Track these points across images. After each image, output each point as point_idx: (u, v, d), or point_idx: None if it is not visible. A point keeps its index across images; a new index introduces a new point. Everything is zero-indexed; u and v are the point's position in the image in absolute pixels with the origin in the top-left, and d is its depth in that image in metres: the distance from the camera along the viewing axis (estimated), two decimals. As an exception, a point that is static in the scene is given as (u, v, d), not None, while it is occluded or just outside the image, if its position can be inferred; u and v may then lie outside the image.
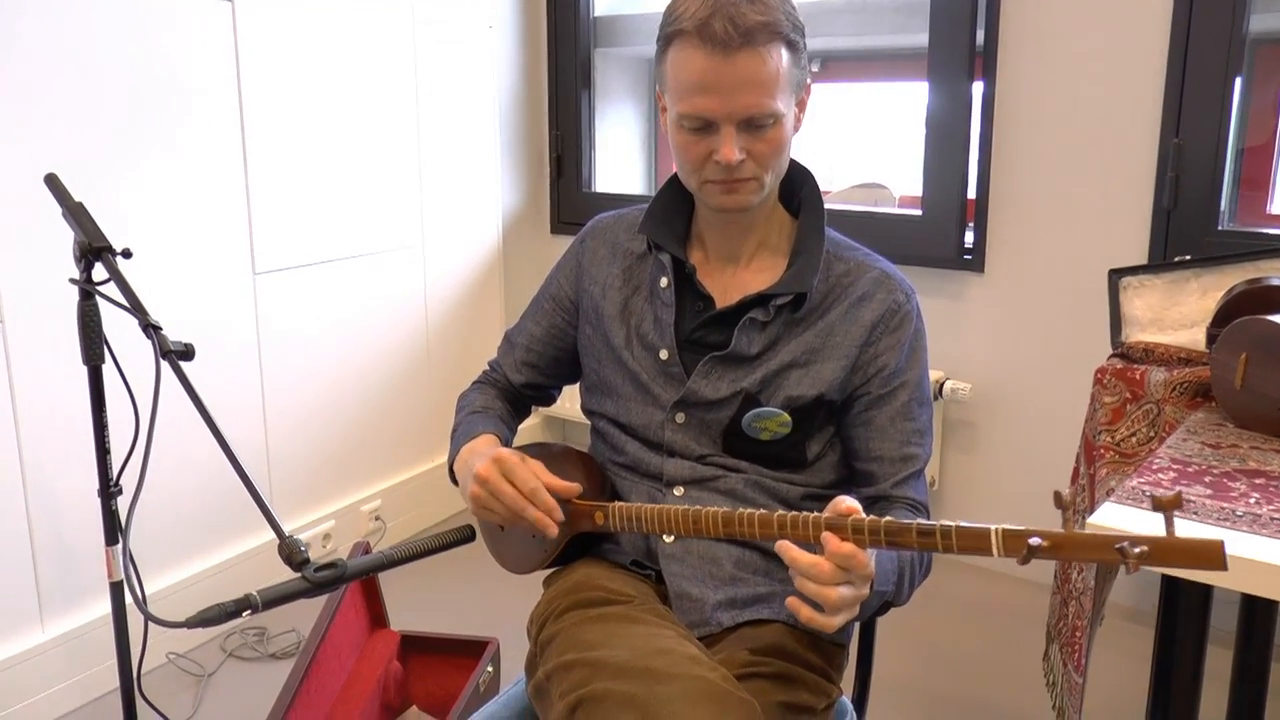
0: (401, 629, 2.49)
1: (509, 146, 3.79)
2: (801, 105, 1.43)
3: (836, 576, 1.15)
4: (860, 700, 1.69)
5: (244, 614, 1.21)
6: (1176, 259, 2.04)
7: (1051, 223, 2.99)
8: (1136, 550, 1.00)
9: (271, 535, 2.60)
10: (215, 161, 2.74)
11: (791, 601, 1.17)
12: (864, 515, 1.17)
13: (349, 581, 1.32)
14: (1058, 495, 1.05)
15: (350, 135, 3.11)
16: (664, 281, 1.50)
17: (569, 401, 3.84)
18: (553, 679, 1.30)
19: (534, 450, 1.55)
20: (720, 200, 1.41)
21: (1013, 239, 3.07)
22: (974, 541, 1.10)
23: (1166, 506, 1.01)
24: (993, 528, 1.08)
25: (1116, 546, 1.02)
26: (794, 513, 1.21)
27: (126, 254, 1.71)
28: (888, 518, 1.15)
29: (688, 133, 1.38)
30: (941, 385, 3.14)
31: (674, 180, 1.53)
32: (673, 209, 1.54)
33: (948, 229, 3.13)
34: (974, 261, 3.13)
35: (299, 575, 1.29)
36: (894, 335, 1.45)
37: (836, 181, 3.97)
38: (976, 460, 3.25)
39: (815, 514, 1.19)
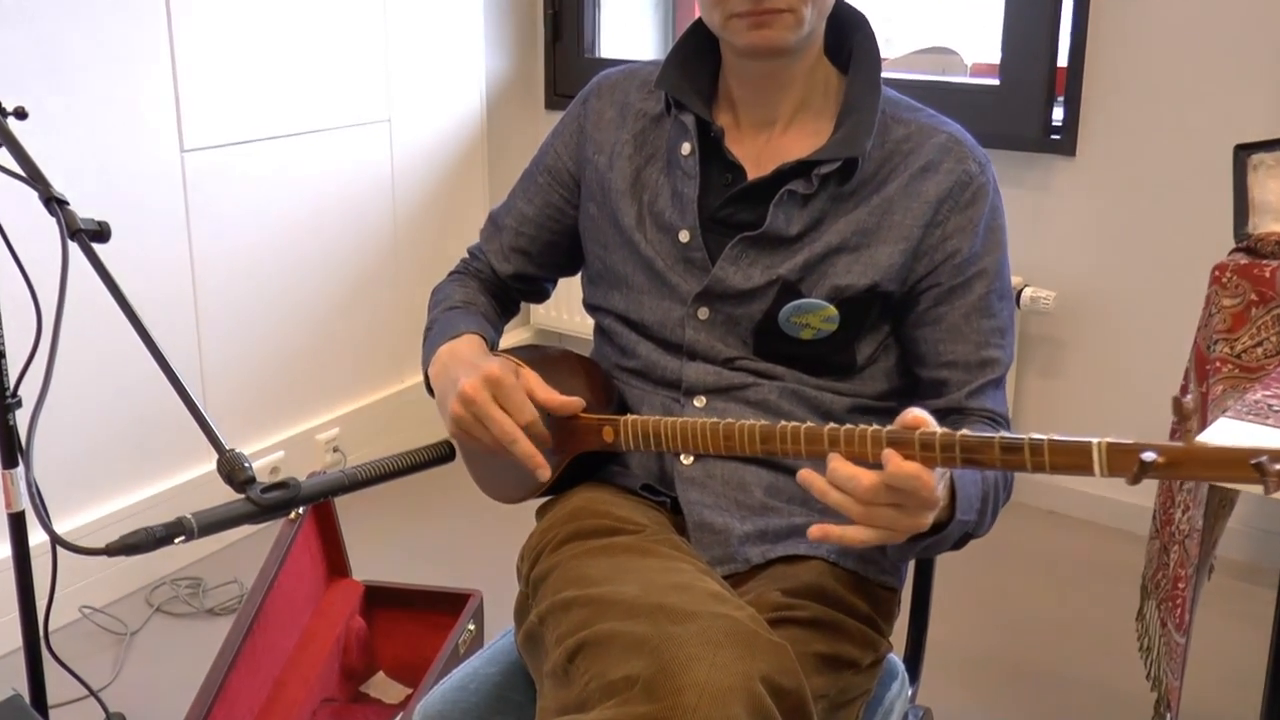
0: (366, 579, 2.52)
1: (495, 1, 3.74)
2: None
3: (880, 495, 1.15)
4: (913, 660, 1.70)
5: (176, 540, 1.20)
6: (1327, 129, 2.02)
7: (1163, 93, 2.95)
8: (1279, 467, 0.99)
9: (210, 464, 2.60)
10: (132, 10, 2.71)
11: (815, 530, 1.19)
12: (934, 428, 1.16)
13: (303, 505, 1.32)
14: (1178, 402, 1.04)
15: (299, -19, 3.08)
16: (685, 148, 1.49)
17: (566, 311, 3.84)
18: (547, 622, 1.31)
19: (526, 354, 1.54)
20: (749, 38, 1.40)
21: (1112, 114, 3.03)
22: (1071, 458, 1.09)
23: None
24: (1094, 441, 1.07)
25: (1254, 462, 1.00)
26: (848, 426, 1.20)
27: (20, 114, 1.69)
28: (964, 431, 1.14)
29: None
30: (1019, 293, 3.13)
31: (698, 26, 1.51)
32: (696, 61, 1.52)
33: (1032, 103, 3.09)
34: (1063, 142, 3.09)
35: (242, 497, 1.28)
36: (965, 213, 1.44)
37: (896, 46, 3.92)
38: (1060, 385, 3.25)
39: (875, 427, 1.19)
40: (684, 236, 1.48)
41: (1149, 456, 1.04)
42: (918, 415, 1.18)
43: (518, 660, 1.49)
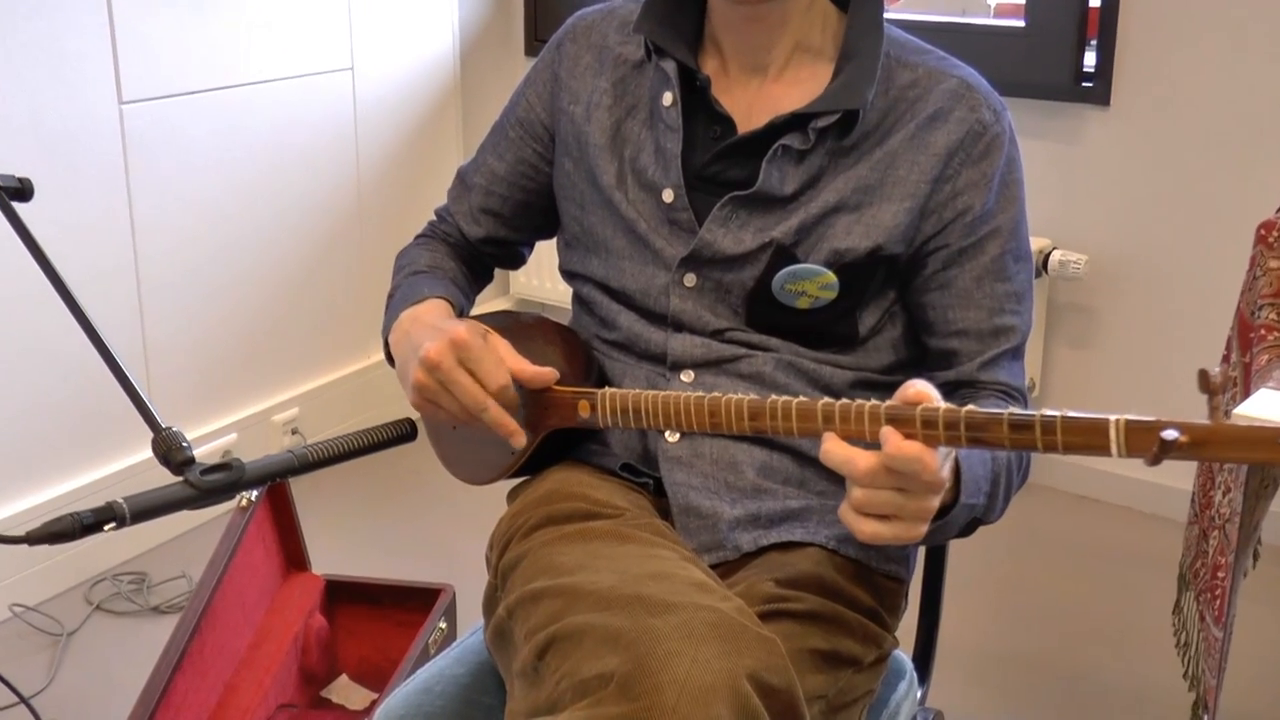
0: (326, 573, 2.53)
1: (467, -67, 3.74)
2: None
3: (879, 479, 1.16)
4: (923, 659, 1.71)
5: (106, 527, 1.21)
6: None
7: (1205, 36, 2.95)
8: None
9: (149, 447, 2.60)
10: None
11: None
12: (937, 403, 1.17)
13: (248, 488, 1.33)
14: (1204, 375, 1.04)
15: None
16: (668, 98, 1.49)
17: (549, 280, 3.84)
18: (516, 615, 1.32)
19: (497, 320, 1.55)
20: None
21: (1150, 59, 3.03)
22: (1086, 437, 1.10)
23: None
24: (1112, 418, 1.08)
25: None
26: (843, 401, 1.21)
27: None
28: (969, 406, 1.15)
29: None
30: (1047, 257, 3.14)
31: None
32: (679, 1, 1.52)
33: (1061, 47, 3.10)
34: (1096, 90, 3.10)
35: (181, 479, 1.29)
36: (978, 166, 1.44)
37: (912, -16, 3.92)
38: (1092, 357, 3.26)
39: (872, 402, 1.20)
40: (668, 196, 1.49)
41: (1170, 435, 1.04)
42: (920, 390, 1.18)
43: (488, 659, 1.49)
